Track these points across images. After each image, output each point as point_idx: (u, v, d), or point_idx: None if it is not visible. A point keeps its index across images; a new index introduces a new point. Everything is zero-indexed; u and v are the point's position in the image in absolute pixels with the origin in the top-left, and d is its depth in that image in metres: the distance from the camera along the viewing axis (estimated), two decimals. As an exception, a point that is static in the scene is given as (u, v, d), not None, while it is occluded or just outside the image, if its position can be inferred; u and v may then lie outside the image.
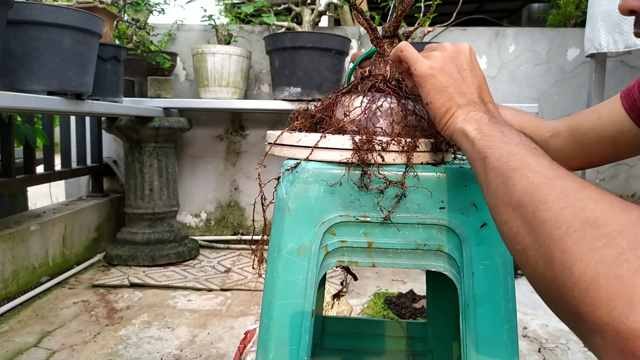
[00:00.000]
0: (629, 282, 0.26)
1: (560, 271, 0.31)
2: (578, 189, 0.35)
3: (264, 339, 0.55)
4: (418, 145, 0.54)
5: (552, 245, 0.32)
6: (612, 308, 0.27)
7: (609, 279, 0.27)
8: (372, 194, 0.54)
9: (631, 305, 0.26)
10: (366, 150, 0.53)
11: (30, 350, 1.34)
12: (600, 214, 0.31)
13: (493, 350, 0.54)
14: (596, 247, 0.29)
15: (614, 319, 0.26)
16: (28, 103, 1.23)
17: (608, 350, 0.27)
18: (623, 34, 1.81)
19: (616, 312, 0.26)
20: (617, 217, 0.30)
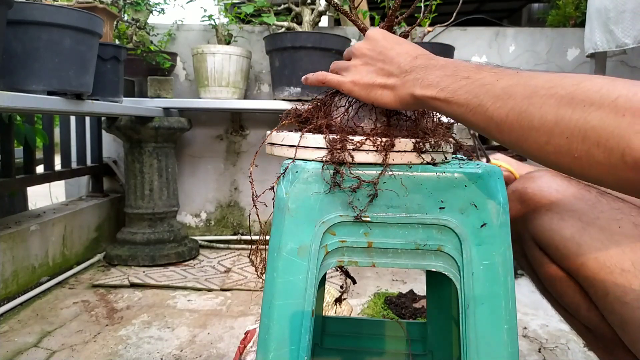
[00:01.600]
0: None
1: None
2: (610, 82, 0.37)
3: (264, 338, 0.55)
4: (395, 145, 0.54)
5: (624, 133, 0.35)
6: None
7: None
8: (345, 193, 0.54)
9: None
10: (339, 149, 0.54)
11: (30, 350, 1.34)
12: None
13: (493, 350, 0.54)
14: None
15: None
16: (28, 103, 1.23)
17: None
18: (611, 33, 1.80)
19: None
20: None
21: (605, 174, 0.37)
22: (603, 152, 0.36)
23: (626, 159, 0.35)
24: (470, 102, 0.45)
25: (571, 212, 0.64)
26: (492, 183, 0.55)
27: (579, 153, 0.38)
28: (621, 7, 1.72)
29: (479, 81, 0.45)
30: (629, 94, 0.36)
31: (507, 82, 0.43)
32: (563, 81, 0.40)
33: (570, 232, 0.63)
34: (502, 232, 0.54)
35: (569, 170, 0.40)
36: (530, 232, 0.70)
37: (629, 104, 0.35)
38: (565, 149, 0.39)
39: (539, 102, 0.40)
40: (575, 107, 0.37)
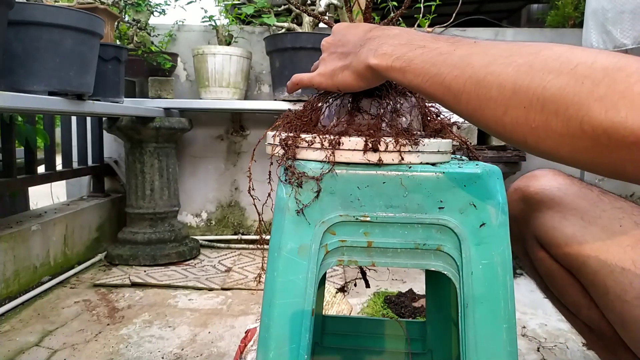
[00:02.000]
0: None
1: (604, 115, 0.33)
2: (570, 49, 0.37)
3: (264, 337, 0.55)
4: (342, 143, 0.54)
5: (584, 100, 0.34)
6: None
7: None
8: (294, 187, 0.55)
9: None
10: (288, 146, 0.56)
11: (31, 350, 1.34)
12: (614, 60, 0.34)
13: (492, 349, 0.54)
14: (631, 83, 0.32)
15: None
16: (29, 103, 1.24)
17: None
18: (609, 33, 1.80)
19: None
20: (630, 60, 0.34)
21: (562, 144, 0.37)
22: (561, 121, 0.36)
23: (584, 127, 0.34)
24: (427, 72, 0.44)
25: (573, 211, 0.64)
26: (492, 183, 0.55)
27: (537, 123, 0.37)
28: (620, 8, 1.72)
29: (436, 50, 0.44)
30: (589, 61, 0.35)
31: (465, 51, 0.42)
32: (522, 50, 0.39)
33: (571, 230, 0.63)
34: (502, 232, 0.54)
35: (523, 142, 0.40)
36: (532, 231, 0.70)
37: (589, 71, 0.35)
38: (523, 120, 0.38)
39: (497, 70, 0.39)
40: (534, 75, 0.37)
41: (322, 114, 0.61)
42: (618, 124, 0.33)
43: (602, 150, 0.35)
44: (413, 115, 0.60)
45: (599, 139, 0.34)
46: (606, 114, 0.33)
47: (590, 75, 0.34)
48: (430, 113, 0.64)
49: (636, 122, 0.32)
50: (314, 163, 0.55)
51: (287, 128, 0.60)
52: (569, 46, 0.38)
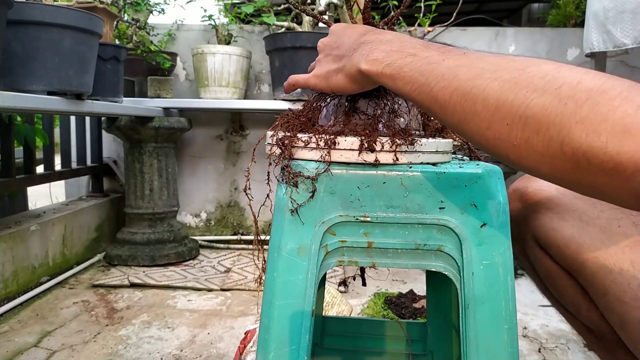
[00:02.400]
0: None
1: (584, 139, 0.33)
2: (557, 68, 0.36)
3: (264, 338, 0.55)
4: (338, 143, 0.54)
5: (565, 121, 0.34)
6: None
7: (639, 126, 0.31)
8: (290, 187, 0.55)
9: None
10: (285, 146, 0.55)
11: (30, 350, 1.34)
12: (601, 82, 0.34)
13: (493, 350, 0.54)
14: (614, 106, 0.32)
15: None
16: (28, 103, 1.24)
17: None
18: (609, 33, 1.80)
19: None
20: (617, 82, 0.33)
21: (542, 163, 0.36)
22: (542, 140, 0.35)
23: (565, 148, 0.34)
24: (416, 81, 0.44)
25: (571, 212, 0.64)
26: (492, 183, 0.55)
27: (518, 141, 0.37)
28: (620, 8, 1.72)
29: (425, 59, 0.44)
30: (574, 81, 0.35)
31: (453, 62, 0.42)
32: (509, 65, 0.38)
33: (570, 231, 0.63)
34: (502, 232, 0.54)
35: (505, 158, 0.39)
36: (531, 231, 0.70)
37: (573, 92, 0.34)
38: (505, 136, 0.37)
39: (483, 84, 0.38)
40: (518, 92, 0.36)
41: (320, 114, 0.61)
42: (597, 148, 0.32)
43: (582, 172, 0.35)
44: (412, 115, 0.60)
45: (579, 162, 0.34)
46: (586, 137, 0.33)
47: (574, 96, 0.34)
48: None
49: (615, 147, 0.32)
50: (310, 163, 0.55)
51: (286, 128, 0.60)
52: (557, 64, 0.37)
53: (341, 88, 0.54)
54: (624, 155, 0.31)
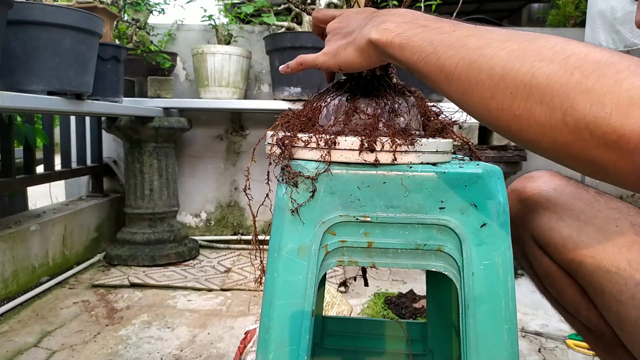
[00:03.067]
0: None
1: (588, 109, 0.33)
2: (566, 41, 0.36)
3: (264, 338, 0.55)
4: (338, 142, 0.54)
5: (570, 91, 0.33)
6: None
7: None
8: (290, 187, 0.55)
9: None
10: (285, 146, 0.56)
11: (30, 350, 1.34)
12: (609, 55, 0.33)
13: (493, 350, 0.54)
14: (620, 78, 0.32)
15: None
16: (28, 103, 1.23)
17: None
18: (618, 33, 1.80)
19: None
20: (625, 57, 0.33)
21: (543, 136, 0.36)
22: (545, 110, 0.35)
23: (567, 119, 0.34)
24: (424, 50, 0.43)
25: (569, 212, 0.64)
26: (493, 183, 0.55)
27: (521, 111, 0.36)
28: (629, 7, 1.72)
29: (436, 30, 0.44)
30: (582, 53, 0.34)
31: (463, 33, 0.42)
32: (519, 36, 0.38)
33: (568, 231, 0.63)
34: (502, 232, 0.54)
35: (507, 130, 0.39)
36: (529, 232, 0.70)
37: (580, 63, 0.34)
38: (508, 106, 0.37)
39: (490, 53, 0.38)
40: (525, 61, 0.36)
41: (320, 113, 0.61)
42: (601, 119, 0.32)
43: (583, 146, 0.34)
44: (412, 114, 0.60)
45: (581, 134, 0.34)
46: (591, 107, 0.32)
47: (581, 66, 0.34)
48: (431, 112, 0.64)
49: (620, 119, 0.31)
50: (310, 163, 0.55)
51: (286, 128, 0.60)
52: (566, 39, 0.37)
53: (350, 62, 0.53)
54: (628, 127, 0.31)
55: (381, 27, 0.47)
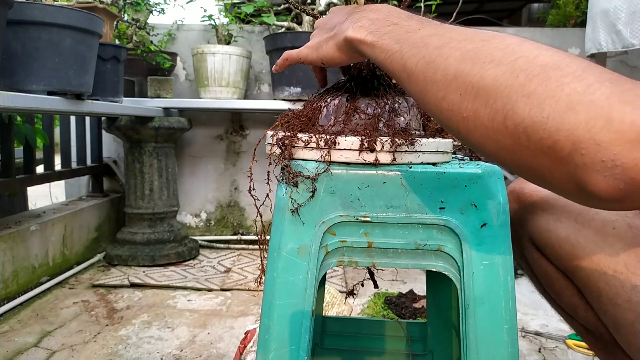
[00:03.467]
0: (605, 103, 0.29)
1: (527, 113, 0.32)
2: (520, 42, 0.36)
3: (264, 338, 0.55)
4: (338, 142, 0.54)
5: (513, 94, 0.33)
6: (592, 126, 0.29)
7: (585, 104, 0.30)
8: (290, 187, 0.55)
9: (610, 121, 0.29)
10: (285, 146, 0.56)
11: (30, 350, 1.34)
12: (558, 59, 0.33)
13: (493, 350, 0.54)
14: (563, 83, 0.31)
15: (595, 134, 0.29)
16: (28, 103, 1.23)
17: (588, 164, 0.30)
18: (619, 33, 1.80)
19: (596, 128, 0.29)
20: (576, 61, 0.32)
21: (487, 139, 0.36)
22: (489, 113, 0.34)
23: (507, 122, 0.33)
24: (391, 48, 0.44)
25: (567, 213, 0.64)
26: (492, 183, 0.55)
27: (468, 112, 0.36)
28: (634, 8, 1.71)
29: (404, 28, 0.44)
30: (531, 55, 0.34)
31: (427, 32, 0.42)
32: (476, 36, 0.38)
33: (565, 233, 0.63)
34: (502, 232, 0.54)
35: (457, 132, 0.39)
36: (527, 233, 0.70)
37: (527, 66, 0.33)
38: (457, 107, 0.37)
39: (447, 53, 0.38)
40: (476, 62, 0.36)
41: (320, 113, 0.61)
42: (538, 123, 0.32)
43: (523, 151, 0.34)
44: (412, 114, 0.60)
45: (519, 138, 0.33)
46: (530, 111, 0.32)
47: (527, 69, 0.33)
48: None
49: (555, 124, 0.31)
50: (310, 163, 0.55)
51: (286, 128, 0.60)
52: (522, 39, 0.37)
53: (330, 57, 0.53)
54: (563, 132, 0.30)
55: (357, 24, 0.48)
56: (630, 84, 0.30)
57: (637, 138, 0.28)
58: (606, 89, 0.30)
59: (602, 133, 0.29)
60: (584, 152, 0.30)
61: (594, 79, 0.31)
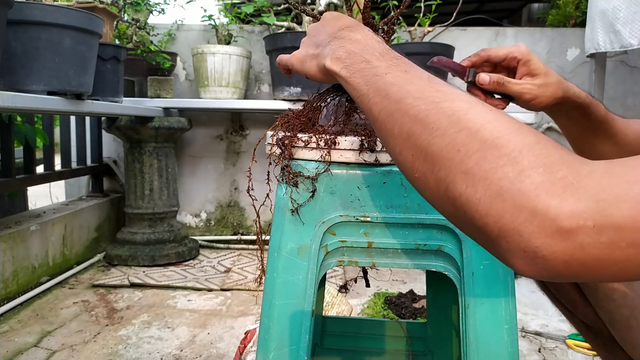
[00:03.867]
0: (532, 194, 0.29)
1: (464, 190, 0.33)
2: (468, 109, 0.36)
3: (264, 338, 0.55)
4: (338, 142, 0.54)
5: (453, 168, 0.34)
6: (517, 216, 0.30)
7: (512, 193, 0.30)
8: (290, 187, 0.55)
9: (534, 213, 0.29)
10: (285, 146, 0.56)
11: (30, 350, 1.34)
12: (498, 135, 0.33)
13: (493, 350, 0.54)
14: (498, 165, 0.31)
15: (519, 225, 0.30)
16: (28, 103, 1.23)
17: (512, 251, 0.31)
18: (617, 33, 1.80)
19: (520, 219, 0.30)
20: (516, 139, 0.32)
21: (434, 201, 0.37)
22: (434, 180, 0.35)
23: (448, 194, 0.34)
24: (360, 90, 0.44)
25: None
26: (492, 183, 0.55)
27: (418, 174, 0.37)
28: (634, 8, 1.71)
29: (374, 69, 0.44)
30: (473, 128, 0.34)
31: (391, 79, 0.42)
32: (430, 94, 0.38)
33: None
34: (502, 232, 0.54)
35: (413, 185, 0.40)
36: None
37: (468, 140, 0.34)
38: (410, 165, 0.38)
39: (404, 109, 0.39)
40: (426, 126, 0.36)
41: (320, 114, 0.61)
42: (472, 203, 0.32)
43: (460, 222, 0.35)
44: None
45: (458, 211, 0.34)
46: (466, 189, 0.32)
47: (467, 144, 0.33)
48: None
49: (485, 208, 0.31)
50: (310, 163, 0.55)
51: (286, 128, 0.60)
52: (469, 103, 0.36)
53: (312, 76, 0.54)
54: (491, 217, 0.31)
55: (335, 54, 0.48)
56: (565, 171, 0.30)
57: (558, 232, 0.28)
58: (537, 176, 0.30)
59: (525, 225, 0.29)
60: (508, 240, 0.30)
61: (527, 164, 0.31)
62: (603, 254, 0.28)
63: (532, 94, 0.66)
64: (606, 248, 0.28)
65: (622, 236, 0.27)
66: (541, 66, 0.68)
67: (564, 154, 0.31)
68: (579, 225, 0.28)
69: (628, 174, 0.28)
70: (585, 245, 0.28)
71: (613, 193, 0.28)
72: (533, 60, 0.68)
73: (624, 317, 0.58)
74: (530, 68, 0.67)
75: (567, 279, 0.31)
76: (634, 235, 0.27)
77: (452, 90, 0.39)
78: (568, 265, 0.29)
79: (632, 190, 0.28)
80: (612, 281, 0.56)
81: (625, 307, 0.58)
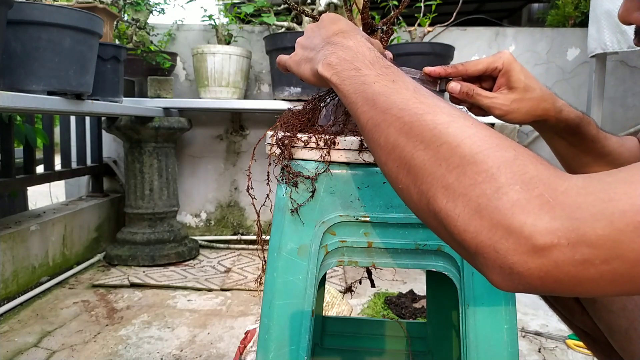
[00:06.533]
0: (508, 212, 0.30)
1: (444, 205, 0.33)
2: (449, 122, 0.36)
3: (264, 338, 0.55)
4: (338, 142, 0.54)
5: (435, 182, 0.34)
6: (493, 234, 0.30)
7: (489, 210, 0.31)
8: (290, 187, 0.55)
9: (510, 231, 0.30)
10: (284, 146, 0.56)
11: (30, 350, 1.34)
12: (478, 150, 0.33)
13: (493, 350, 0.54)
14: (476, 181, 0.32)
15: (495, 242, 0.30)
16: (28, 103, 1.23)
17: (489, 266, 0.31)
18: (624, 33, 1.80)
19: (497, 236, 0.30)
20: (495, 155, 0.33)
21: (418, 212, 0.37)
22: (417, 192, 0.36)
23: (430, 207, 0.34)
24: (350, 97, 0.44)
25: None
26: (492, 183, 0.54)
27: (402, 185, 0.37)
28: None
29: (363, 77, 0.44)
30: (454, 143, 0.34)
31: (378, 88, 0.42)
32: (414, 106, 0.39)
33: None
34: (502, 232, 0.54)
35: (398, 195, 0.40)
36: None
37: (448, 155, 0.34)
38: (394, 176, 0.38)
39: (389, 120, 0.39)
40: (410, 138, 0.37)
41: (320, 114, 0.61)
42: (451, 218, 0.32)
43: (443, 235, 0.35)
44: None
45: (439, 224, 0.34)
46: (446, 204, 0.33)
47: (448, 159, 0.34)
48: None
49: (464, 224, 0.31)
50: (310, 163, 0.55)
51: (285, 128, 0.60)
52: (451, 117, 0.37)
53: (306, 78, 0.54)
54: (469, 234, 0.31)
55: (327, 60, 0.48)
56: (541, 188, 0.30)
57: (533, 250, 0.29)
58: (514, 194, 0.30)
59: (501, 242, 0.30)
60: (485, 256, 0.31)
61: (505, 180, 0.31)
62: (577, 271, 0.28)
63: (503, 110, 0.62)
64: (580, 265, 0.28)
65: (596, 254, 0.28)
66: (521, 79, 0.63)
67: (542, 169, 0.31)
68: (553, 243, 0.28)
69: (604, 191, 0.29)
70: (559, 262, 0.28)
71: (588, 211, 0.28)
72: (513, 72, 0.63)
73: (623, 329, 0.58)
74: (509, 80, 0.63)
75: (544, 294, 0.31)
76: (607, 253, 0.28)
77: (435, 103, 0.39)
78: (543, 281, 0.29)
79: (606, 209, 0.28)
80: (588, 296, 0.56)
81: (624, 318, 0.58)
